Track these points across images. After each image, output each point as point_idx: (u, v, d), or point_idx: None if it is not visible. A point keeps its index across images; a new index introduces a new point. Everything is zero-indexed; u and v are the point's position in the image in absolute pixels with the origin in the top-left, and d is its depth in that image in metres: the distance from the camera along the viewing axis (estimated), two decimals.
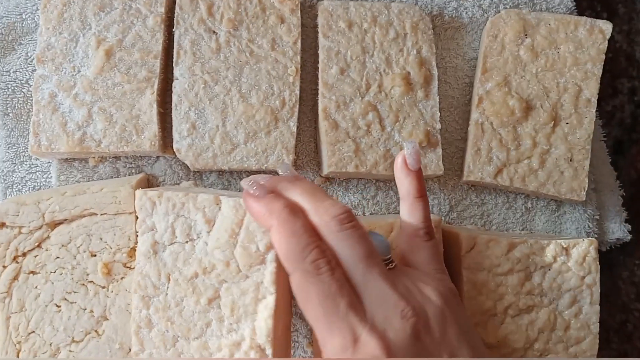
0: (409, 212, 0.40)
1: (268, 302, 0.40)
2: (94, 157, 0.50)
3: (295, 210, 0.36)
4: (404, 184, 0.40)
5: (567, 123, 0.51)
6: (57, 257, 0.44)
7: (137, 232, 0.42)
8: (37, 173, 0.51)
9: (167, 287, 0.41)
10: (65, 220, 0.44)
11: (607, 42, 0.51)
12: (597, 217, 0.53)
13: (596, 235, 0.53)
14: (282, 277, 0.40)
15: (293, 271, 0.35)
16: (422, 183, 0.40)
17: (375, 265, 0.35)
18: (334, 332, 0.33)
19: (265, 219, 0.37)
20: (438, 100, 0.51)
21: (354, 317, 0.33)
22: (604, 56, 0.51)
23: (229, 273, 0.41)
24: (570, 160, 0.50)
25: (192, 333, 0.41)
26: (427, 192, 0.52)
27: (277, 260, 0.40)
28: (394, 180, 0.51)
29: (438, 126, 0.50)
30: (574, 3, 0.55)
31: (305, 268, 0.34)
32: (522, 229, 0.53)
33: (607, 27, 0.52)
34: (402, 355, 0.33)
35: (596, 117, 0.52)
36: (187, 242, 0.41)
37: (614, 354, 0.44)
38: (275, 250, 0.37)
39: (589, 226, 0.53)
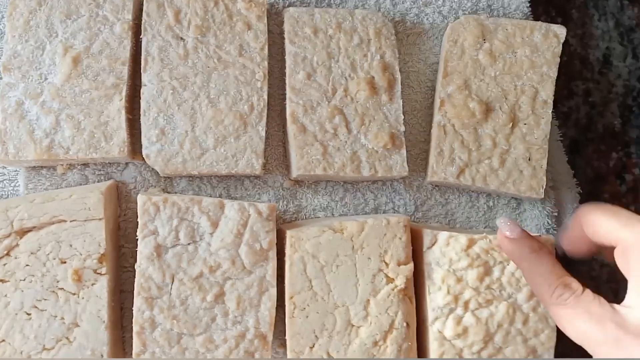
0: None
1: (270, 294, 0.46)
2: (62, 165, 0.50)
3: (541, 254, 0.41)
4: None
5: (525, 124, 0.53)
6: (27, 265, 0.44)
7: (137, 236, 0.45)
8: (5, 182, 0.50)
9: (171, 287, 0.45)
10: (34, 227, 0.44)
11: (561, 45, 0.54)
12: (556, 213, 0.55)
13: (555, 231, 0.55)
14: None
15: (547, 307, 0.40)
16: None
17: None
18: (597, 342, 0.36)
19: (517, 261, 0.43)
20: (402, 103, 0.52)
21: (611, 324, 0.36)
22: (558, 59, 0.54)
23: (234, 270, 0.45)
24: (529, 159, 0.52)
25: (197, 329, 0.45)
26: (392, 193, 0.54)
27: (278, 258, 0.46)
28: (361, 181, 0.53)
29: (402, 128, 0.52)
30: (530, 9, 0.57)
31: (554, 302, 0.39)
32: (484, 227, 0.55)
33: (561, 31, 0.54)
34: None
35: (552, 117, 0.54)
36: (189, 243, 0.45)
37: (572, 347, 0.46)
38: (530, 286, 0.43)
39: (548, 222, 0.55)
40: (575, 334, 0.38)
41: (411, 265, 0.48)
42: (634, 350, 0.35)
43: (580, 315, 0.37)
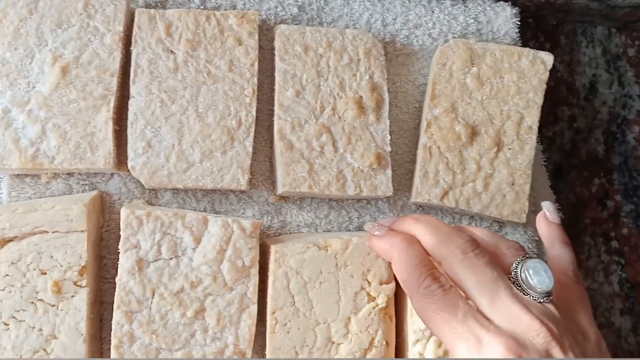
0: (557, 257, 0.44)
1: (251, 311, 0.46)
2: (46, 174, 0.50)
3: (411, 242, 0.41)
4: (550, 234, 0.45)
5: (510, 149, 0.53)
6: (7, 275, 0.43)
7: (119, 249, 0.45)
8: None
9: (152, 302, 0.44)
10: (16, 237, 0.44)
11: (548, 72, 0.55)
12: (537, 238, 0.56)
13: (536, 255, 0.56)
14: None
15: (411, 295, 0.40)
16: (565, 232, 0.45)
17: (504, 288, 0.37)
18: (457, 338, 0.37)
19: (387, 253, 0.43)
20: (389, 123, 0.53)
21: (474, 322, 0.36)
22: (545, 86, 0.54)
23: (215, 286, 0.45)
24: (512, 184, 0.53)
25: (176, 344, 0.45)
26: (377, 212, 0.54)
27: (259, 273, 0.46)
28: (346, 199, 0.53)
29: (388, 149, 0.52)
30: (519, 34, 0.58)
31: (421, 292, 0.39)
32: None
33: (548, 58, 0.55)
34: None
35: (537, 142, 0.55)
36: (171, 258, 0.45)
37: None
38: (397, 277, 0.42)
39: (529, 247, 0.56)
40: (437, 326, 0.38)
41: (393, 285, 0.48)
42: (493, 350, 0.35)
43: (445, 309, 0.37)
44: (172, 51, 0.51)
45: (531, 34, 0.65)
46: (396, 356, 0.48)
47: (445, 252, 0.40)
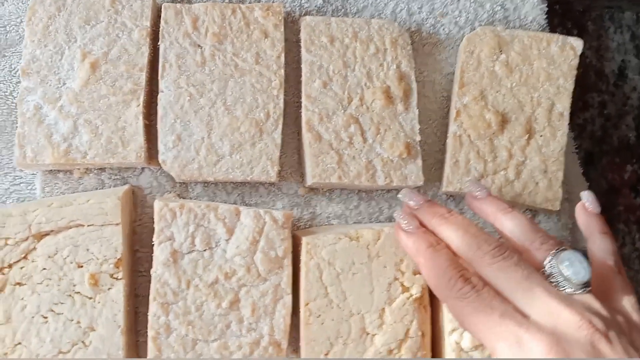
0: (597, 247, 0.43)
1: (285, 302, 0.46)
2: (78, 169, 0.50)
3: (438, 248, 0.41)
4: (589, 224, 0.45)
5: (541, 136, 0.53)
6: (44, 269, 0.44)
7: (154, 242, 0.45)
8: (21, 184, 0.51)
9: (187, 293, 0.45)
10: (52, 231, 0.44)
11: (578, 58, 0.54)
12: (570, 225, 0.55)
13: (570, 243, 0.55)
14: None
15: (444, 300, 0.40)
16: (605, 222, 0.45)
17: (537, 284, 0.37)
18: (496, 338, 0.36)
19: (414, 256, 0.43)
20: (417, 113, 0.52)
21: (511, 322, 0.36)
22: (575, 72, 0.54)
23: (249, 277, 0.45)
24: (545, 171, 0.52)
25: (212, 335, 0.45)
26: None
27: (293, 264, 0.46)
28: (376, 190, 0.53)
29: (418, 138, 0.52)
30: (547, 21, 0.58)
31: (454, 296, 0.38)
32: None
33: (578, 44, 0.54)
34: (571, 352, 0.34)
35: (568, 130, 0.54)
36: (205, 250, 0.45)
37: None
38: (427, 282, 0.43)
39: (563, 235, 0.55)
40: (475, 328, 0.37)
41: None
42: (534, 349, 0.35)
43: (481, 310, 0.37)
44: (199, 45, 0.51)
45: (558, 20, 0.64)
46: (432, 346, 0.48)
47: (473, 256, 0.39)
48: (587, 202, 0.45)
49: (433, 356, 0.48)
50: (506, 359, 0.36)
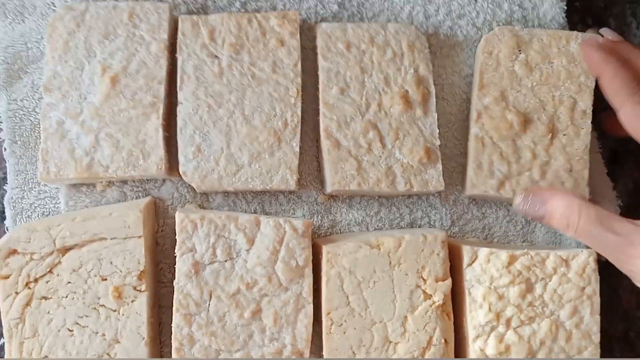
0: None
1: (307, 311, 0.46)
2: (101, 182, 0.51)
3: (627, 66, 0.45)
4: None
5: (565, 135, 0.52)
6: (69, 282, 0.45)
7: (175, 253, 0.45)
8: (46, 199, 0.51)
9: (209, 304, 0.45)
10: (76, 245, 0.45)
11: None
12: None
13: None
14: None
15: (622, 105, 0.44)
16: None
17: None
18: None
19: (597, 66, 0.47)
20: (436, 117, 0.52)
21: None
22: None
23: (270, 287, 0.45)
24: (570, 170, 0.51)
25: (235, 345, 0.45)
26: (428, 207, 0.53)
27: (314, 273, 0.47)
28: (396, 196, 0.53)
29: (437, 142, 0.51)
30: (565, 19, 0.56)
31: (635, 100, 0.43)
32: (523, 241, 0.54)
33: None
34: None
35: (591, 128, 0.53)
36: (226, 260, 0.46)
37: None
38: (605, 88, 0.47)
39: None
40: None
41: (449, 282, 0.47)
42: None
43: None
44: (216, 56, 0.51)
45: (578, 17, 0.63)
46: (456, 354, 0.47)
47: None
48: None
49: None
50: None
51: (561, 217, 0.44)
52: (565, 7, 0.57)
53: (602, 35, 0.49)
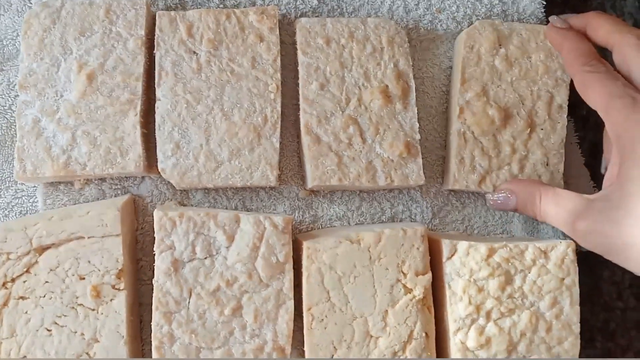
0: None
1: (288, 307, 0.46)
2: (79, 180, 0.50)
3: (583, 37, 0.47)
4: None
5: (542, 129, 0.52)
6: (46, 282, 0.44)
7: (155, 251, 0.45)
8: (23, 197, 0.51)
9: (189, 302, 0.45)
10: (53, 244, 0.45)
11: None
12: None
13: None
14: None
15: (575, 72, 0.45)
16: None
17: None
18: (613, 95, 0.41)
19: (558, 43, 0.49)
20: (416, 110, 0.52)
21: (631, 90, 0.41)
22: None
23: (251, 284, 0.45)
24: (547, 164, 0.52)
25: (215, 343, 0.45)
26: (409, 201, 0.53)
27: (293, 270, 0.46)
28: (377, 191, 0.53)
29: (417, 137, 0.51)
30: (544, 14, 0.57)
31: (586, 69, 0.44)
32: (502, 231, 0.54)
33: None
34: None
35: (568, 121, 0.53)
36: (206, 257, 0.45)
37: (598, 353, 0.46)
38: (564, 61, 0.49)
39: None
40: (594, 92, 0.42)
41: (429, 276, 0.47)
42: None
43: (606, 79, 0.42)
44: (194, 52, 0.51)
45: (558, 10, 0.63)
46: (437, 347, 0.48)
47: (619, 38, 0.44)
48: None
49: (438, 357, 0.48)
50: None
51: (526, 204, 0.47)
52: (545, 2, 0.57)
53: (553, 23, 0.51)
